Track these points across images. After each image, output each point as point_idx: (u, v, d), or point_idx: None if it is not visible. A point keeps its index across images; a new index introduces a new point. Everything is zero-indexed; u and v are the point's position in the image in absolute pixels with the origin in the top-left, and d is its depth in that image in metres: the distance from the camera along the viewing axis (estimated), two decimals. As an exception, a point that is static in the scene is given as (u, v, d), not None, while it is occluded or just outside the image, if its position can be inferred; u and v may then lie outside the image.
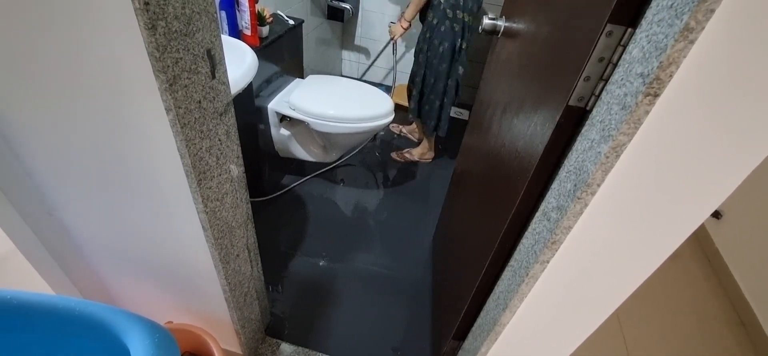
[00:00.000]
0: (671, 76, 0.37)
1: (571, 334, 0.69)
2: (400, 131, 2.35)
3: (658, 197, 0.46)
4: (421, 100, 1.87)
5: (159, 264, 0.89)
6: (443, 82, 1.78)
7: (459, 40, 1.68)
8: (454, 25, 1.64)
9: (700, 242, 1.89)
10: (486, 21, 0.93)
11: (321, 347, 1.25)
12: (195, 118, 0.61)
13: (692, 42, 0.35)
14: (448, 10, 1.61)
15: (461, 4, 1.61)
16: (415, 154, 2.13)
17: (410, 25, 1.82)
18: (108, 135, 0.63)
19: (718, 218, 1.79)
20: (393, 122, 1.70)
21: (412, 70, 1.86)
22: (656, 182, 0.45)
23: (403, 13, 1.80)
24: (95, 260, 0.95)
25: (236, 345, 1.11)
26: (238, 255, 0.89)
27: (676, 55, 0.36)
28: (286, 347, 1.24)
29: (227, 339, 1.09)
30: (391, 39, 1.90)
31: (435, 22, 1.66)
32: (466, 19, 1.64)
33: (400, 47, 2.55)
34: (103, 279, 1.01)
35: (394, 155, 2.15)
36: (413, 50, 1.85)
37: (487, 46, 2.44)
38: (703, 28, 0.34)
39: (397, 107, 2.47)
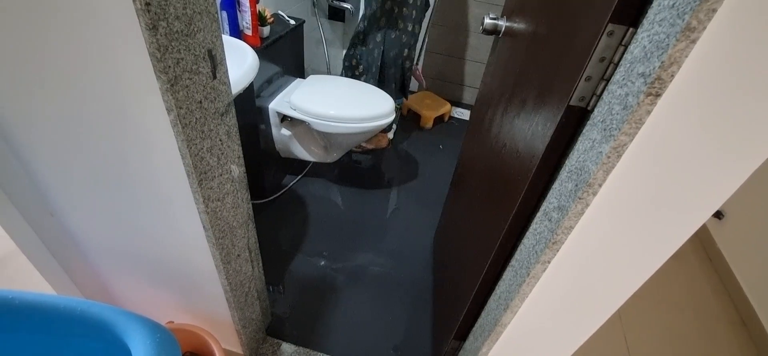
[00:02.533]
0: (673, 76, 0.37)
1: (572, 334, 0.69)
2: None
3: (660, 197, 0.46)
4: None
5: (160, 264, 0.89)
6: (367, 62, 1.88)
7: (386, 23, 1.77)
8: (373, 6, 1.72)
9: (702, 242, 1.89)
10: (487, 21, 0.93)
11: (322, 347, 1.25)
12: (196, 118, 0.61)
13: (694, 42, 0.35)
14: None
15: None
16: (369, 144, 2.10)
17: None
18: (109, 136, 0.63)
19: (719, 219, 1.79)
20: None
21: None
22: (658, 182, 0.45)
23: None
24: (97, 260, 0.95)
25: (237, 345, 1.11)
26: (239, 255, 0.89)
27: (677, 54, 0.36)
28: (287, 347, 1.24)
29: (228, 339, 1.09)
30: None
31: (362, 5, 1.75)
32: (389, 6, 1.72)
33: None
34: (104, 279, 1.01)
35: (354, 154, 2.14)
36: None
37: (483, 44, 2.45)
38: (704, 27, 0.34)
39: (411, 114, 2.47)
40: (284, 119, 1.61)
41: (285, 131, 1.62)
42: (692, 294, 1.67)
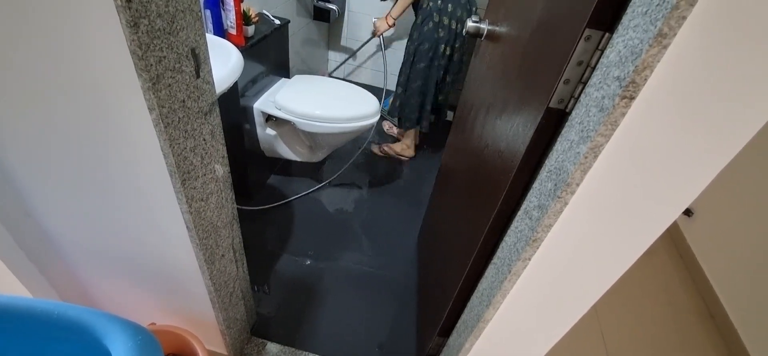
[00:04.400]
0: (646, 79, 0.39)
1: (552, 328, 0.71)
2: (390, 129, 2.34)
3: (634, 196, 0.48)
4: (403, 95, 1.90)
5: (142, 265, 0.87)
6: (422, 81, 1.81)
7: (443, 45, 1.71)
8: (439, 29, 1.67)
9: (672, 238, 1.97)
10: (470, 24, 0.95)
11: (307, 346, 1.25)
12: (179, 117, 0.60)
13: (665, 47, 0.37)
14: (434, 14, 1.64)
15: (449, 10, 1.63)
16: (394, 149, 2.14)
17: (395, 23, 1.84)
18: (89, 135, 0.62)
19: (689, 216, 1.87)
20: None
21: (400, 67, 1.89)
22: (632, 181, 0.47)
23: (390, 10, 1.82)
24: (75, 261, 0.92)
25: (221, 345, 1.10)
26: (223, 255, 0.88)
27: (650, 59, 0.38)
28: (272, 346, 1.23)
29: (212, 340, 1.08)
30: (373, 34, 1.94)
31: (419, 21, 1.69)
32: (454, 26, 1.67)
33: (388, 51, 2.56)
34: (83, 281, 0.98)
35: (374, 148, 2.16)
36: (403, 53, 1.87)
37: (470, 48, 2.48)
38: (675, 34, 0.36)
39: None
40: (269, 118, 1.60)
41: (270, 131, 1.61)
42: (664, 288, 1.74)
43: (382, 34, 1.94)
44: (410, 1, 1.72)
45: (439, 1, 1.62)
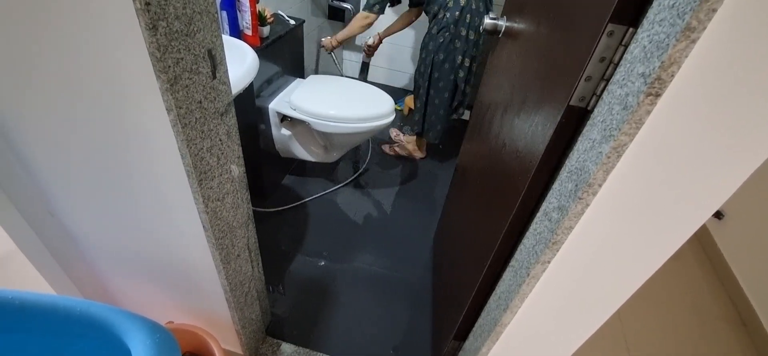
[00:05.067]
0: (673, 75, 0.37)
1: (572, 334, 0.69)
2: (397, 136, 2.26)
3: (660, 197, 0.46)
4: (422, 110, 1.87)
5: (160, 264, 0.89)
6: (441, 96, 1.77)
7: (460, 56, 1.66)
8: (456, 40, 1.62)
9: (701, 242, 1.89)
10: (487, 21, 0.93)
11: (321, 347, 1.25)
12: (196, 118, 0.61)
13: (694, 42, 0.35)
14: (451, 26, 1.59)
15: (467, 21, 1.58)
16: (405, 149, 2.12)
17: (339, 44, 1.93)
18: (109, 136, 0.63)
19: (719, 219, 1.79)
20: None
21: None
22: (658, 182, 0.45)
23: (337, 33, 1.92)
24: (96, 260, 0.95)
25: (237, 345, 1.11)
26: (238, 255, 0.89)
27: (677, 54, 0.36)
28: (286, 347, 1.24)
29: (228, 339, 1.09)
30: (323, 47, 2.01)
31: (435, 31, 1.64)
32: (472, 37, 1.62)
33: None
34: (103, 279, 1.01)
35: (385, 148, 2.15)
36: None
37: (488, 46, 2.44)
38: (705, 27, 0.34)
39: (412, 114, 2.47)
40: (284, 118, 1.61)
41: (285, 131, 1.62)
42: (692, 294, 1.67)
43: (330, 51, 2.02)
44: (357, 31, 1.78)
45: (457, 13, 1.57)
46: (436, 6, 1.61)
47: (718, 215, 1.78)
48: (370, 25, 1.77)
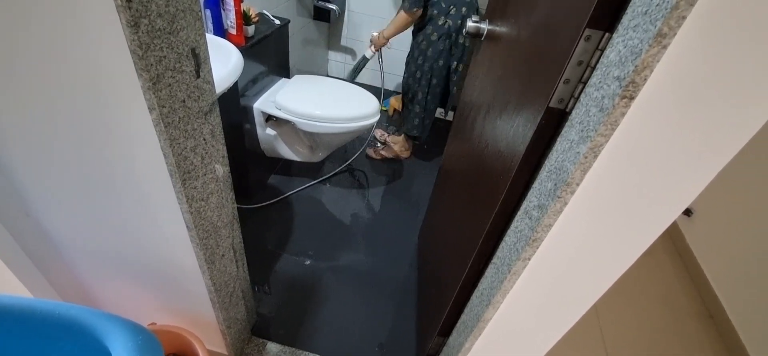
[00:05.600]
0: (646, 79, 0.39)
1: (552, 328, 0.71)
2: (382, 136, 2.24)
3: (634, 195, 0.48)
4: (423, 114, 1.86)
5: (142, 265, 0.87)
6: (432, 96, 1.80)
7: (456, 62, 1.70)
8: (454, 48, 1.65)
9: (672, 238, 1.97)
10: (470, 24, 0.95)
11: (307, 346, 1.25)
12: (179, 117, 0.61)
13: (665, 47, 0.37)
14: (452, 34, 1.61)
15: (464, 30, 1.60)
16: (392, 150, 2.12)
17: (386, 41, 1.78)
18: (89, 134, 0.62)
19: (689, 216, 1.87)
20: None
21: (403, 79, 1.86)
22: (632, 180, 0.47)
23: (383, 30, 1.76)
24: (75, 261, 0.92)
25: (222, 345, 1.10)
26: (223, 255, 0.89)
27: (650, 59, 0.38)
28: (272, 346, 1.23)
29: (212, 340, 1.08)
30: (374, 50, 1.85)
31: (435, 37, 1.63)
32: (467, 44, 1.65)
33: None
34: (83, 281, 0.98)
35: (369, 151, 2.14)
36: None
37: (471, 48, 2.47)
38: (675, 34, 0.36)
39: (397, 115, 2.46)
40: (269, 118, 1.60)
41: (270, 131, 1.61)
42: (663, 288, 1.74)
43: (377, 50, 1.84)
44: (405, 25, 1.66)
45: (459, 20, 1.58)
46: (435, 10, 1.59)
47: (687, 212, 1.86)
48: (416, 18, 1.67)
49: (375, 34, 1.81)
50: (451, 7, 1.58)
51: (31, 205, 0.78)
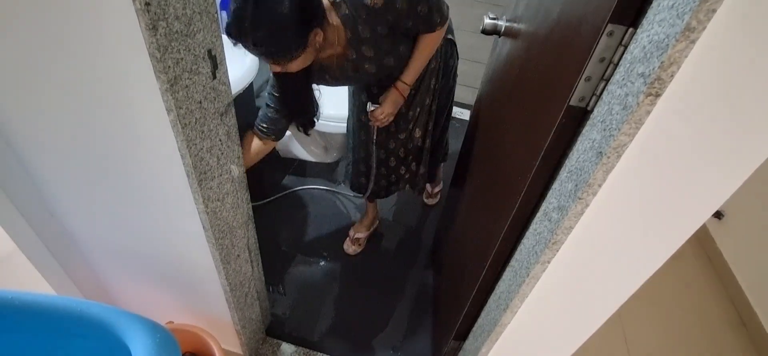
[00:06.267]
0: (672, 76, 0.37)
1: (572, 334, 0.69)
2: None
3: (660, 197, 0.46)
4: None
5: (160, 264, 0.89)
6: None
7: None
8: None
9: (701, 242, 1.89)
10: (487, 21, 0.93)
11: (321, 347, 1.25)
12: (196, 118, 0.61)
13: (693, 42, 0.35)
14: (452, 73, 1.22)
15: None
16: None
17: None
18: (109, 136, 0.63)
19: (719, 219, 1.79)
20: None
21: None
22: (658, 182, 0.45)
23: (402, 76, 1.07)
24: (96, 260, 0.95)
25: (237, 345, 1.11)
26: (238, 255, 0.89)
27: (677, 55, 0.36)
28: (286, 347, 1.24)
29: (228, 340, 1.09)
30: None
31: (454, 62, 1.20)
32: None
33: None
34: (104, 280, 1.01)
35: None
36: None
37: (482, 44, 2.45)
38: (704, 28, 0.34)
39: None
40: (284, 119, 1.61)
41: (285, 131, 1.62)
42: (691, 294, 1.67)
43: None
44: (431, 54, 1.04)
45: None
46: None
47: (717, 215, 1.78)
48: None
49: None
50: None
51: (54, 205, 0.81)
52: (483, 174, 0.96)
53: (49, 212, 0.81)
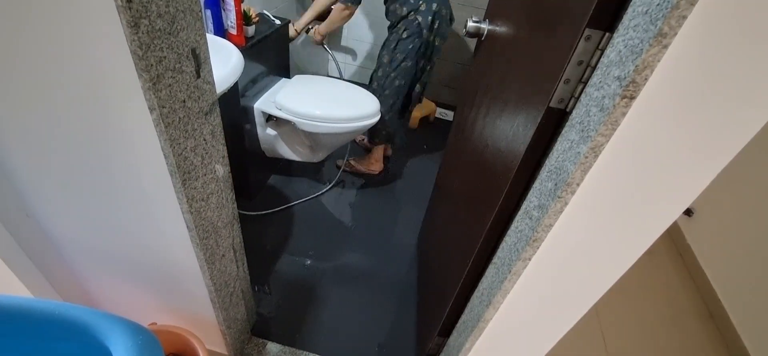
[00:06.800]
0: (646, 79, 0.39)
1: (552, 328, 0.71)
2: (362, 140, 2.15)
3: (635, 195, 0.48)
4: (391, 116, 1.78)
5: (142, 265, 0.87)
6: (405, 100, 1.76)
7: (423, 61, 1.67)
8: (424, 47, 1.61)
9: (672, 238, 1.97)
10: (470, 24, 0.95)
11: (307, 346, 1.25)
12: (179, 117, 0.61)
13: (666, 47, 0.37)
14: (424, 31, 1.55)
15: (436, 28, 1.58)
16: (361, 165, 1.99)
17: (323, 37, 1.80)
18: (89, 135, 0.62)
19: (689, 216, 1.86)
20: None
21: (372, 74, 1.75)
22: (632, 180, 0.47)
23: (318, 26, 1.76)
24: (75, 261, 0.92)
25: (222, 345, 1.10)
26: (223, 255, 0.89)
27: (650, 59, 0.38)
28: (272, 346, 1.23)
29: (213, 340, 1.08)
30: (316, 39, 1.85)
31: (404, 36, 1.58)
32: (437, 43, 1.64)
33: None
34: (83, 281, 0.98)
35: (339, 162, 2.00)
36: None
37: (465, 46, 2.48)
38: (675, 33, 0.36)
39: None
40: (269, 118, 1.60)
41: (270, 131, 1.61)
42: (664, 287, 1.74)
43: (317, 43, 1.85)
44: (340, 20, 1.66)
45: (429, 18, 1.53)
46: (405, 8, 1.54)
47: (688, 212, 1.86)
48: (350, 15, 1.66)
49: (312, 30, 1.80)
50: (421, 2, 1.52)
51: (31, 205, 0.78)
52: (466, 173, 0.98)
53: (24, 212, 0.79)
